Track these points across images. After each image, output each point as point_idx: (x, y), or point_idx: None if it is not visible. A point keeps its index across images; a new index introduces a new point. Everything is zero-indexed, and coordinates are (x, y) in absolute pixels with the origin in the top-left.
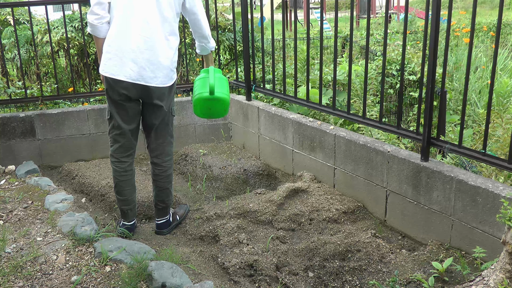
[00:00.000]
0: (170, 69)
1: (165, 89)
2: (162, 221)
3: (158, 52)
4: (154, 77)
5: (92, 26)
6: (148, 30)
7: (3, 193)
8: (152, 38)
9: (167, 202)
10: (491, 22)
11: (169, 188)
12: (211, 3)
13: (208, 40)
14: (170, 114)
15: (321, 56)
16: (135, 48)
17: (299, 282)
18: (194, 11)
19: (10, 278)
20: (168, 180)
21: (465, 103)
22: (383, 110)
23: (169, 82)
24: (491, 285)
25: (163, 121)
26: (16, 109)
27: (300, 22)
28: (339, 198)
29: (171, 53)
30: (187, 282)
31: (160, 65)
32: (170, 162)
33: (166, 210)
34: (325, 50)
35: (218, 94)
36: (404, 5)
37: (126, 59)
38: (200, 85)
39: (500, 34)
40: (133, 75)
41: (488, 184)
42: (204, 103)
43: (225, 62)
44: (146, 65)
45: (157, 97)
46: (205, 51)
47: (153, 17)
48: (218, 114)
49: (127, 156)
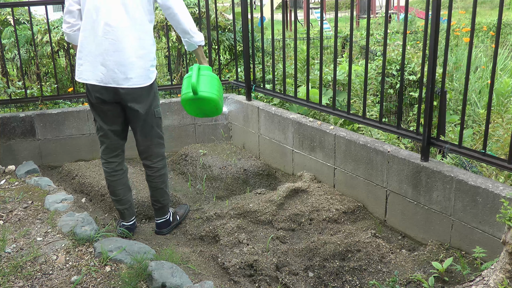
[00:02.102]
0: (145, 69)
1: (141, 90)
2: (161, 221)
3: (129, 53)
4: (126, 78)
5: (66, 34)
6: (114, 32)
7: (3, 193)
8: (119, 40)
9: (163, 202)
10: (491, 22)
11: (163, 188)
12: (211, 3)
13: (191, 34)
14: (153, 116)
15: (321, 56)
16: (103, 51)
17: (299, 282)
18: (168, 5)
19: (10, 278)
20: (161, 180)
21: (465, 103)
22: (383, 110)
23: (146, 82)
24: (491, 285)
25: (146, 123)
26: (16, 109)
27: (300, 22)
28: (339, 198)
29: (144, 52)
30: (187, 282)
31: (132, 66)
32: (161, 163)
33: (164, 209)
34: (325, 50)
35: (203, 93)
36: (404, 5)
37: (96, 63)
38: (184, 84)
39: (500, 34)
40: (104, 78)
41: (488, 184)
42: (191, 103)
43: (225, 62)
44: (116, 67)
45: (132, 99)
46: (192, 47)
47: (120, 19)
48: (211, 113)
49: (114, 156)
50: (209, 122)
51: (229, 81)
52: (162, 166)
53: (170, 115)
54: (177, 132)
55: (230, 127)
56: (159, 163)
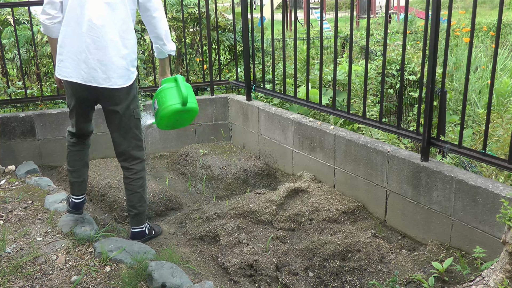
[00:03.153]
0: (126, 69)
1: (121, 91)
2: (136, 230)
3: (111, 52)
4: (107, 78)
5: (44, 26)
6: (97, 29)
7: (3, 193)
8: (102, 38)
9: (140, 208)
10: (491, 22)
11: (140, 193)
12: (211, 3)
13: (164, 42)
14: (132, 117)
15: (321, 56)
16: (85, 48)
17: (299, 282)
18: (148, 7)
19: (10, 278)
20: (138, 184)
21: (465, 103)
22: (383, 110)
23: (126, 83)
24: (491, 285)
25: (124, 125)
26: (16, 109)
27: (300, 22)
28: (339, 198)
29: (126, 52)
30: (187, 282)
31: (113, 65)
32: (139, 165)
33: (139, 217)
34: (325, 50)
35: (191, 104)
36: (404, 5)
37: (78, 60)
38: (166, 96)
39: (500, 34)
40: (85, 76)
41: (488, 184)
42: (173, 116)
43: (225, 62)
44: (97, 66)
45: (111, 99)
46: (162, 54)
47: (103, 16)
48: (182, 125)
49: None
50: (209, 122)
51: (229, 81)
52: (141, 169)
53: None
54: (177, 132)
55: (230, 127)
56: (137, 165)
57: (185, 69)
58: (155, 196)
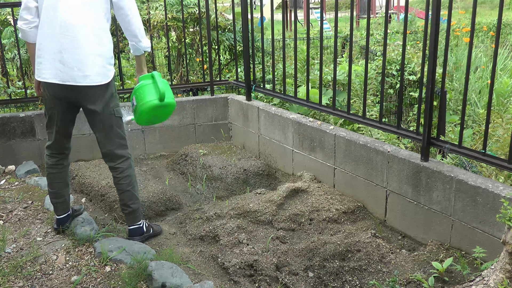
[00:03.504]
0: (102, 66)
1: (98, 89)
2: (133, 227)
3: (87, 50)
4: (84, 76)
5: (22, 31)
6: (72, 29)
7: (3, 193)
8: (76, 37)
9: (132, 206)
10: (491, 22)
11: (130, 190)
12: (211, 3)
13: (139, 39)
14: (113, 115)
15: (321, 56)
16: (61, 48)
17: (299, 282)
18: (121, 5)
19: (10, 278)
20: (126, 182)
21: (465, 103)
22: (383, 110)
23: (103, 80)
24: (491, 285)
25: (105, 124)
26: (16, 109)
27: (300, 22)
28: (339, 198)
29: (103, 49)
30: (187, 282)
31: (89, 63)
32: (125, 163)
33: (134, 215)
34: (325, 50)
35: (169, 100)
36: (404, 5)
37: (54, 61)
38: (144, 92)
39: (500, 34)
40: (63, 76)
41: (488, 184)
42: (152, 112)
43: (225, 62)
44: (75, 64)
45: (89, 98)
46: (137, 51)
47: (77, 16)
48: (160, 120)
49: (58, 153)
50: (209, 122)
51: (229, 81)
52: (127, 167)
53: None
54: (177, 132)
55: (230, 127)
56: (123, 163)
57: (185, 69)
58: (155, 196)
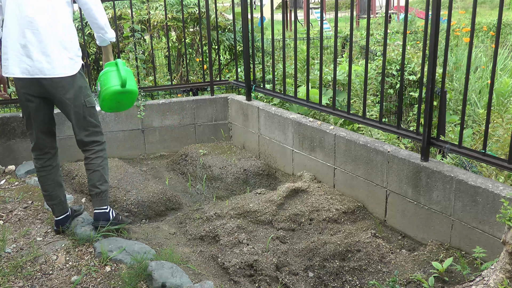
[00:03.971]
0: (69, 58)
1: (66, 80)
2: (99, 211)
3: (52, 43)
4: (52, 68)
5: None
6: (37, 23)
7: (3, 193)
8: (42, 31)
9: (100, 187)
10: (491, 22)
11: (99, 171)
12: (211, 3)
13: (105, 30)
14: (84, 106)
15: (321, 56)
16: (27, 43)
17: (299, 282)
18: (85, 1)
19: (10, 278)
20: (97, 162)
21: (465, 103)
22: (383, 110)
23: (70, 72)
24: (491, 285)
25: (77, 114)
26: (16, 109)
27: (300, 22)
28: (339, 198)
29: (68, 42)
30: (187, 282)
31: (57, 56)
32: (98, 147)
33: (100, 197)
34: (325, 50)
35: (129, 86)
36: (404, 5)
37: (21, 56)
38: (107, 79)
39: (500, 34)
40: (30, 70)
41: (488, 184)
42: (114, 97)
43: (225, 62)
44: (42, 58)
45: (59, 90)
46: (104, 42)
47: (41, 10)
48: (124, 107)
49: (43, 154)
50: (209, 122)
51: (229, 81)
52: (100, 149)
53: (170, 115)
54: (177, 132)
55: (230, 127)
56: (96, 147)
57: (185, 69)
58: (155, 196)
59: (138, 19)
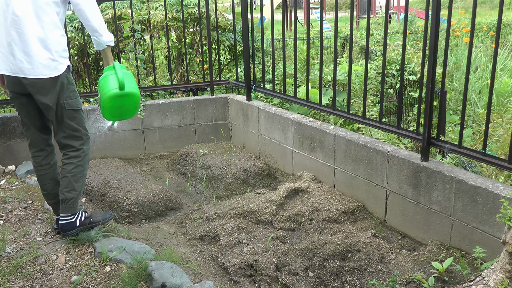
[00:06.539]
0: (52, 60)
1: (47, 82)
2: (63, 221)
3: (34, 44)
4: (32, 68)
5: None
6: (20, 22)
7: (3, 193)
8: (25, 30)
9: (66, 194)
10: (491, 22)
11: (68, 177)
12: (211, 3)
13: (99, 33)
14: (64, 108)
15: (321, 56)
16: (11, 41)
17: (299, 282)
18: (77, 2)
19: (10, 278)
20: (68, 168)
21: (465, 103)
22: (383, 110)
23: (52, 73)
24: (491, 285)
25: (56, 116)
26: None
27: (300, 22)
28: (339, 198)
29: (50, 43)
30: (187, 282)
31: (38, 57)
32: (73, 153)
33: (67, 204)
34: (325, 50)
35: (129, 89)
36: (404, 5)
37: (7, 53)
38: (106, 83)
39: (500, 34)
40: (13, 68)
41: (488, 184)
42: (113, 102)
43: (225, 62)
44: (23, 57)
45: (38, 91)
46: (100, 46)
47: (26, 9)
48: (128, 114)
49: (39, 151)
50: (209, 122)
51: (229, 81)
52: (74, 156)
53: (170, 115)
54: (177, 132)
55: (230, 127)
56: (71, 152)
57: (185, 69)
58: (155, 196)
59: (138, 19)
